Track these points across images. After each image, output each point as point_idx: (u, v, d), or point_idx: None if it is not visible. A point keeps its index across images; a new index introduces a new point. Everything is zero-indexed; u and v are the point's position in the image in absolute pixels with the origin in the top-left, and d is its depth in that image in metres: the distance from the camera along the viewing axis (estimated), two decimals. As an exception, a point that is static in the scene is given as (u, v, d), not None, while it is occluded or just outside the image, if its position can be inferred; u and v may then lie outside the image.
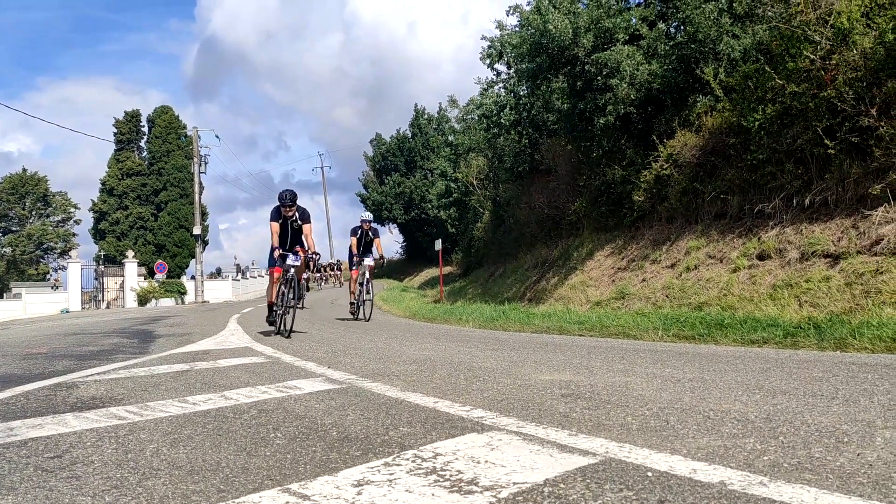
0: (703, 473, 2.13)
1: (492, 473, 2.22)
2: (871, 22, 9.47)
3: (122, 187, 47.14)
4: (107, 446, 2.83)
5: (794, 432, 2.65)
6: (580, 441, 2.62)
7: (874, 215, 8.86)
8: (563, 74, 15.15)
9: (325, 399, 3.89)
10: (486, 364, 5.50)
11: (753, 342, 6.90)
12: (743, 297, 9.84)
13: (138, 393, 4.30)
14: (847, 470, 2.12)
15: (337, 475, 2.28)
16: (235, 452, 2.66)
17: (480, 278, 25.72)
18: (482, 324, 12.00)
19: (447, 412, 3.34)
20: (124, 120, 48.81)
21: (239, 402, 3.83)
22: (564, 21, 14.04)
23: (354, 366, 5.54)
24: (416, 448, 2.61)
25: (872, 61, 9.22)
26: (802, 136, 10.16)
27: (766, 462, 2.24)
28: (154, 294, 36.93)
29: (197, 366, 5.85)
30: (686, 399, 3.49)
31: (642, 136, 14.74)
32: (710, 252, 11.68)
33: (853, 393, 3.51)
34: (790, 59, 10.38)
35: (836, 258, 9.06)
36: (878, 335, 6.05)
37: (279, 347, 7.50)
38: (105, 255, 45.91)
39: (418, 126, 57.38)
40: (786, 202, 10.61)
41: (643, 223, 14.59)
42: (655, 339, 7.99)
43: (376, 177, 58.89)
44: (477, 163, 30.31)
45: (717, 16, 12.73)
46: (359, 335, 9.54)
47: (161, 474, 2.38)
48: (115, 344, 8.73)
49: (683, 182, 12.94)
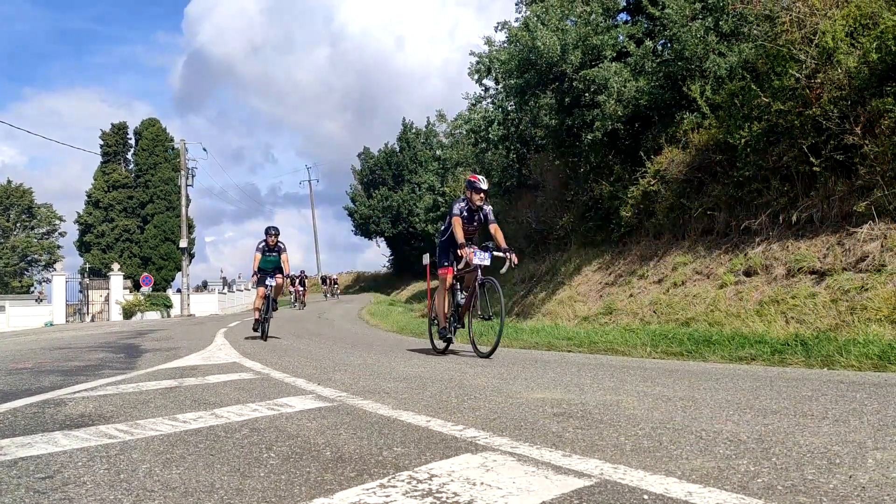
0: (699, 496, 2.13)
1: (488, 496, 2.22)
2: (856, 41, 9.60)
3: (109, 199, 46.95)
4: (98, 466, 2.81)
5: (786, 453, 2.66)
6: (574, 462, 2.63)
7: (859, 232, 8.95)
8: (551, 90, 15.27)
9: (317, 417, 3.87)
10: (477, 381, 5.50)
11: (741, 359, 6.93)
12: (730, 313, 9.90)
13: (127, 410, 4.27)
14: (840, 493, 2.13)
15: (332, 497, 2.28)
16: (229, 473, 2.64)
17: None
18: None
19: (440, 431, 3.34)
20: (111, 132, 48.70)
21: (230, 421, 3.81)
22: (552, 38, 14.16)
23: (345, 383, 5.53)
24: (411, 469, 2.61)
25: (857, 80, 9.34)
26: (788, 154, 10.27)
27: (760, 484, 2.25)
28: (140, 307, 36.68)
29: (186, 382, 5.81)
30: (678, 418, 3.50)
31: (630, 152, 14.85)
32: (697, 268, 11.76)
33: (843, 413, 3.54)
34: (776, 77, 10.50)
35: (821, 275, 9.14)
36: (865, 353, 6.10)
37: (268, 363, 7.47)
38: (90, 267, 45.65)
39: (406, 140, 57.59)
40: (772, 219, 10.70)
41: (630, 238, 14.68)
42: (644, 355, 8.01)
43: (364, 190, 58.99)
44: (465, 177, 30.38)
45: (703, 34, 12.87)
46: (347, 350, 9.52)
47: (155, 496, 2.36)
48: (101, 359, 8.67)
49: (670, 198, 13.03)
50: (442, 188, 35.69)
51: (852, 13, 9.88)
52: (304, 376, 6.07)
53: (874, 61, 9.11)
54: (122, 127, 49.33)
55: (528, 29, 14.85)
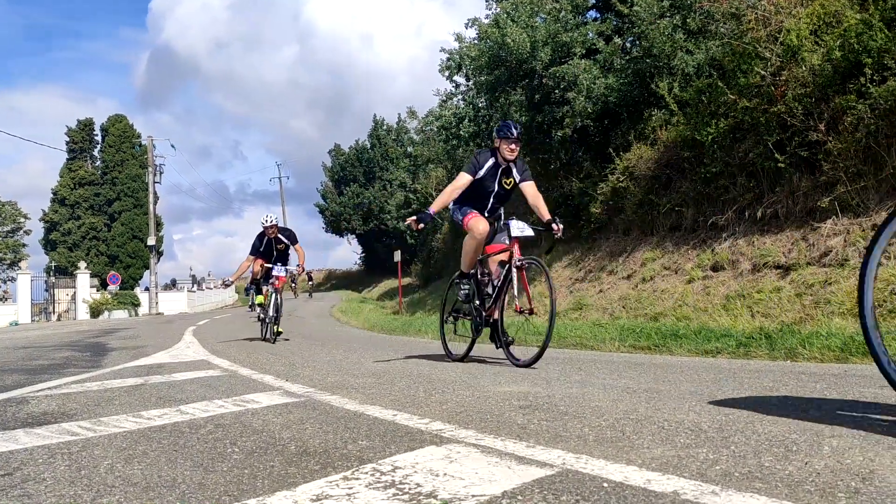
0: (658, 483, 2.16)
1: (450, 486, 2.23)
2: (819, 39, 9.75)
3: (75, 197, 46.23)
4: (59, 463, 2.78)
5: (745, 442, 2.70)
6: (538, 453, 2.64)
7: (823, 227, 9.10)
8: (522, 87, 15.32)
9: (284, 413, 3.86)
10: (445, 376, 5.51)
11: (707, 352, 7.02)
12: (697, 308, 10.01)
13: (91, 408, 4.22)
14: (795, 478, 2.17)
15: (295, 490, 2.27)
16: (192, 468, 2.63)
17: (440, 289, 25.74)
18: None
19: (406, 425, 3.34)
20: (77, 128, 47.91)
21: (195, 417, 3.78)
22: (522, 35, 14.21)
23: (313, 378, 5.51)
24: (375, 462, 2.61)
25: (821, 78, 9.49)
26: (754, 150, 10.41)
27: (718, 471, 2.29)
28: (107, 306, 36.22)
29: (151, 379, 5.76)
30: (641, 409, 3.54)
31: (599, 149, 14.95)
32: (666, 263, 11.88)
33: (802, 402, 3.60)
34: (742, 74, 10.63)
35: (786, 269, 9.28)
36: (827, 345, 6.21)
37: (236, 360, 7.42)
38: (56, 266, 44.90)
39: (377, 137, 57.36)
40: (738, 214, 10.84)
41: (600, 235, 14.78)
42: (612, 349, 8.08)
43: (335, 187, 58.66)
44: (436, 174, 30.37)
45: (671, 31, 13.00)
46: (317, 347, 9.49)
47: (116, 491, 2.34)
48: (66, 357, 8.55)
49: (639, 194, 13.14)
50: (413, 185, 35.62)
51: (816, 11, 10.03)
52: (273, 373, 6.04)
53: (837, 59, 9.26)
54: (88, 123, 48.55)
55: (498, 25, 14.89)
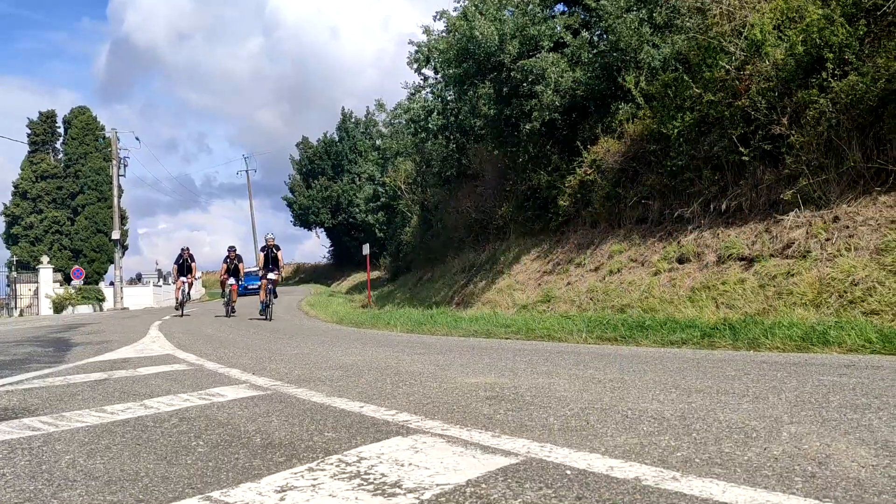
0: (620, 470, 2.19)
1: (415, 476, 2.24)
2: (783, 34, 9.88)
3: (37, 190, 45.31)
4: (19, 458, 2.74)
5: (706, 429, 2.75)
6: (503, 442, 2.66)
7: (785, 220, 9.24)
8: (490, 80, 15.31)
9: (250, 406, 3.84)
10: (413, 368, 5.52)
11: (672, 343, 7.11)
12: (663, 300, 10.12)
13: (53, 403, 4.16)
14: (754, 464, 2.21)
15: (260, 482, 2.27)
16: (155, 461, 2.61)
17: (409, 283, 25.73)
18: (410, 328, 12.01)
19: (372, 416, 3.35)
20: (39, 121, 46.91)
21: (160, 411, 3.75)
22: (491, 28, 14.20)
23: (279, 372, 5.48)
24: (340, 453, 2.61)
25: (784, 72, 9.62)
26: (719, 144, 10.53)
27: (679, 458, 2.32)
28: (71, 301, 35.63)
29: (116, 374, 5.68)
30: (606, 399, 3.58)
31: (567, 143, 15.00)
32: (633, 256, 11.98)
33: (763, 390, 3.66)
34: (707, 68, 10.74)
35: (750, 261, 9.41)
36: (789, 335, 6.32)
37: (202, 354, 7.36)
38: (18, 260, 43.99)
39: (345, 130, 57.01)
40: (703, 207, 10.97)
41: (568, 227, 14.86)
42: (579, 341, 8.14)
43: (303, 181, 58.20)
44: (405, 167, 30.29)
45: (637, 25, 13.07)
46: (284, 341, 9.43)
47: (77, 485, 2.32)
48: (28, 353, 8.41)
49: (607, 187, 13.23)
50: (382, 178, 35.49)
51: (780, 6, 10.16)
52: (239, 366, 6.00)
53: (800, 54, 9.39)
54: (50, 115, 47.56)
55: (466, 18, 14.85)
